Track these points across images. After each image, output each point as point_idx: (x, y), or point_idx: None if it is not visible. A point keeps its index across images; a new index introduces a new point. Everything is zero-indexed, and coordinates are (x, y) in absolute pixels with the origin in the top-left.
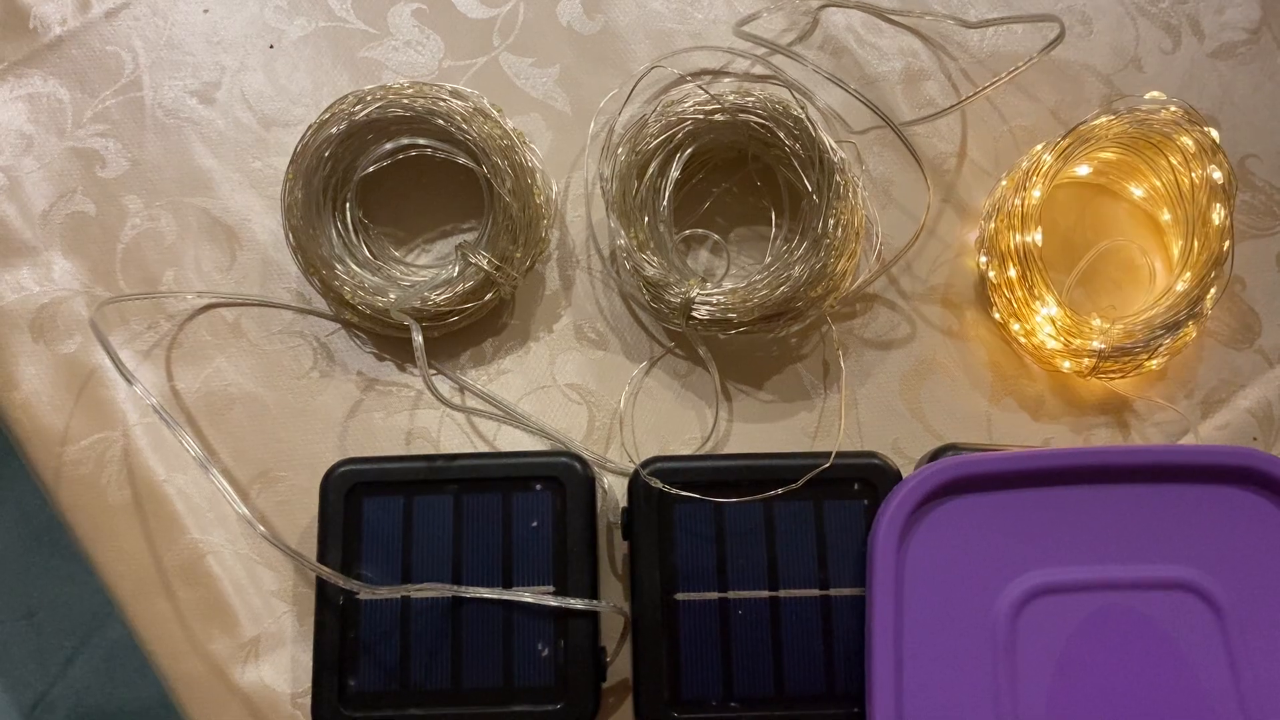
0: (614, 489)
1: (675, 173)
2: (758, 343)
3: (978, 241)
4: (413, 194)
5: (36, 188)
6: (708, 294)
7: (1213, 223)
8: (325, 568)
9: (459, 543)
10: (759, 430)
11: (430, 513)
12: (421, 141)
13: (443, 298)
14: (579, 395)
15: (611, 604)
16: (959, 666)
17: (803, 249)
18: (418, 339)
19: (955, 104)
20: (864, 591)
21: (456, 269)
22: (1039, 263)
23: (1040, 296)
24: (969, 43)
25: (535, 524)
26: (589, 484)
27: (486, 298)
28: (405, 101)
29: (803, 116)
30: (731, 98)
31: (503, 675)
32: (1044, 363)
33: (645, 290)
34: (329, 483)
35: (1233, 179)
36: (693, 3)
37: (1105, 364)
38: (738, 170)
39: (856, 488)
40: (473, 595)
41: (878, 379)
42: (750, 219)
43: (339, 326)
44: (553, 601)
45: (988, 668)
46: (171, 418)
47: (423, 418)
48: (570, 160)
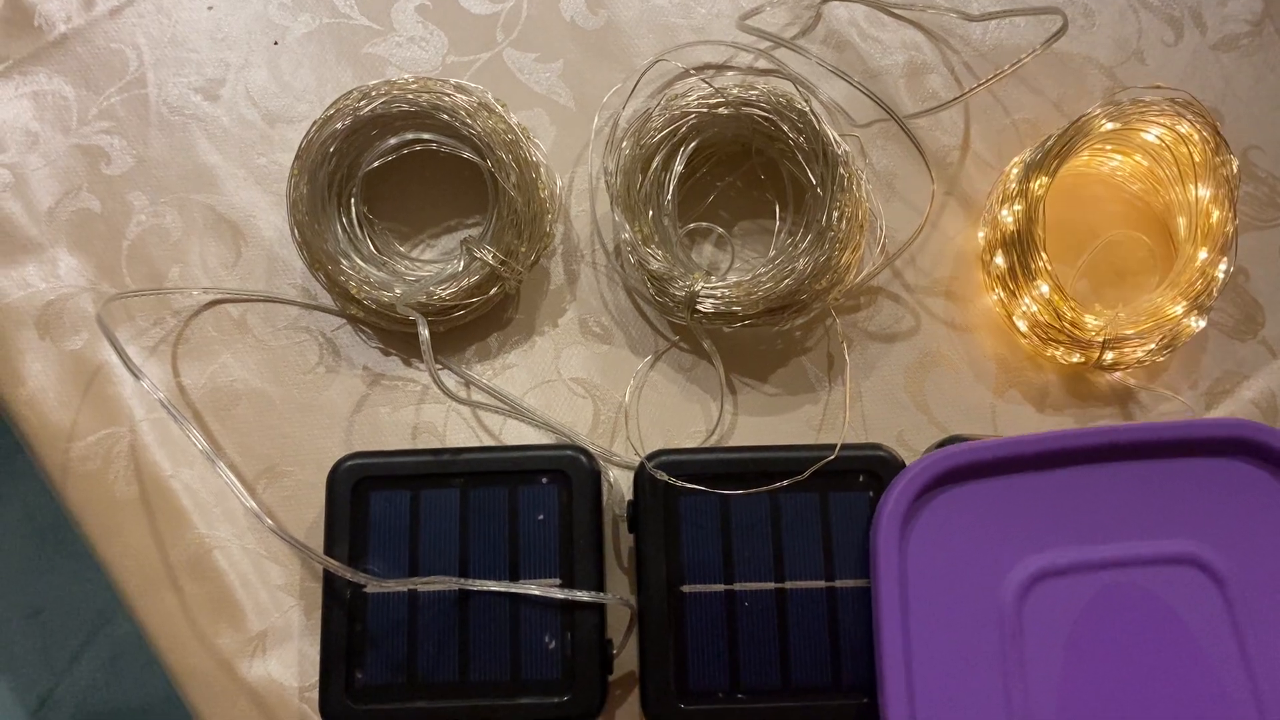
0: (620, 482)
1: (679, 167)
2: (762, 336)
3: (981, 234)
4: (417, 189)
5: (42, 185)
6: (712, 287)
7: (1215, 214)
8: (333, 561)
9: (465, 536)
10: (764, 423)
11: (437, 506)
12: (426, 136)
13: (448, 292)
14: (584, 389)
15: (618, 596)
16: (968, 653)
17: (807, 242)
18: (423, 333)
19: (958, 97)
20: (869, 583)
21: (461, 264)
22: (1042, 255)
23: (1044, 288)
24: (971, 36)
25: (541, 517)
26: (595, 477)
27: (491, 292)
28: (410, 97)
29: (806, 110)
30: (735, 91)
31: (510, 668)
32: (1048, 355)
33: (650, 284)
34: (336, 477)
35: (1236, 171)
36: None
37: (1109, 355)
38: (742, 164)
39: (862, 480)
40: (479, 588)
41: (882, 371)
42: (754, 212)
43: (344, 322)
44: (559, 594)
45: (996, 652)
46: (178, 413)
47: (428, 412)
48: (574, 155)
